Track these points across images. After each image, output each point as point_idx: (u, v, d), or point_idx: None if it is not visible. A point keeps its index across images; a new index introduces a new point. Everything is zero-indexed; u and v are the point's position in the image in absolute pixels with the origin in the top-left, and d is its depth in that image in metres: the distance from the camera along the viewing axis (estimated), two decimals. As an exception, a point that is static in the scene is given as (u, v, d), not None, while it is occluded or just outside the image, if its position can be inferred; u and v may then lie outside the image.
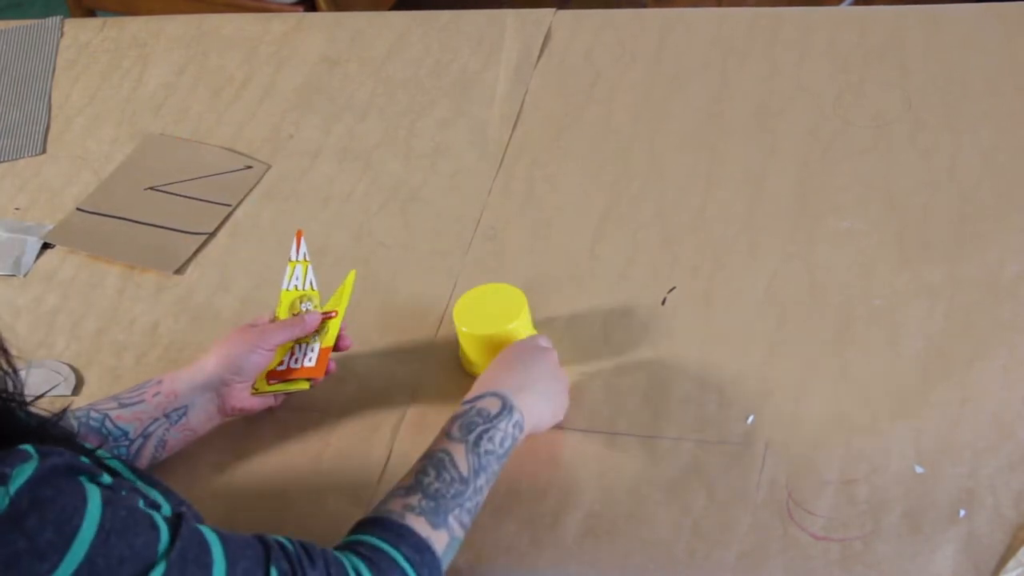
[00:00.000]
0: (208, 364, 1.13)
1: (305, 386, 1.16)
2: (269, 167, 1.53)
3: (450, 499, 0.97)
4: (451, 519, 0.96)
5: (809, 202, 1.33)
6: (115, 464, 0.90)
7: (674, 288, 1.26)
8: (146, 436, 1.10)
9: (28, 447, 0.77)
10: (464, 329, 1.19)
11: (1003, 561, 0.98)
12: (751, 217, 1.33)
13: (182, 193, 1.51)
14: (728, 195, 1.36)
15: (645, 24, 1.64)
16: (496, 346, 1.18)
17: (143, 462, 1.10)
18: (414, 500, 0.96)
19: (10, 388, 0.82)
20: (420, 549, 0.93)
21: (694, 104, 1.49)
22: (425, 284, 1.33)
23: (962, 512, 1.02)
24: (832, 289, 1.23)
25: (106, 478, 0.82)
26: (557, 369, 1.13)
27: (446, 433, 1.02)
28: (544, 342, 1.14)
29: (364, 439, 1.18)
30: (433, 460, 0.99)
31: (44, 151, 1.63)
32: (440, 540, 0.95)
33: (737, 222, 1.32)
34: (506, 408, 1.03)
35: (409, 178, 1.47)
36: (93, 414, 1.09)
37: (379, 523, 0.94)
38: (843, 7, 1.64)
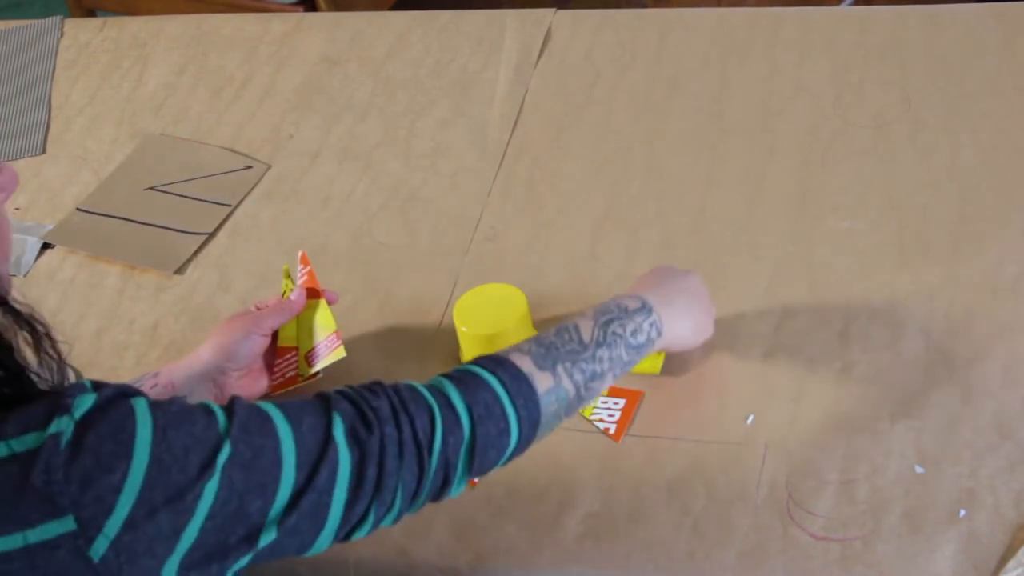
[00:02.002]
0: (204, 353, 1.13)
1: (343, 352, 1.16)
2: (269, 167, 1.53)
3: (563, 351, 0.95)
4: (559, 368, 0.94)
5: (809, 202, 1.33)
6: None
7: (674, 288, 1.26)
8: None
9: (85, 381, 0.78)
10: (464, 329, 1.19)
11: (1003, 561, 0.98)
12: (751, 217, 1.33)
13: (182, 193, 1.51)
14: (728, 195, 1.36)
15: (645, 24, 1.64)
16: (496, 346, 1.18)
17: None
18: (524, 346, 0.94)
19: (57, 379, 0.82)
20: (517, 378, 0.91)
21: (694, 104, 1.49)
22: (425, 284, 1.33)
23: (962, 512, 1.02)
24: (832, 289, 1.23)
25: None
26: (703, 290, 1.12)
27: (581, 312, 1.01)
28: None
29: (364, 439, 1.18)
30: (556, 326, 0.98)
31: (44, 151, 1.63)
32: (543, 380, 0.92)
33: (737, 222, 1.32)
34: (645, 307, 1.03)
35: (409, 178, 1.47)
36: None
37: (480, 358, 0.93)
38: (843, 7, 1.64)
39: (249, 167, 1.53)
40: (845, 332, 1.18)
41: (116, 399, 0.77)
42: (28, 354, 0.80)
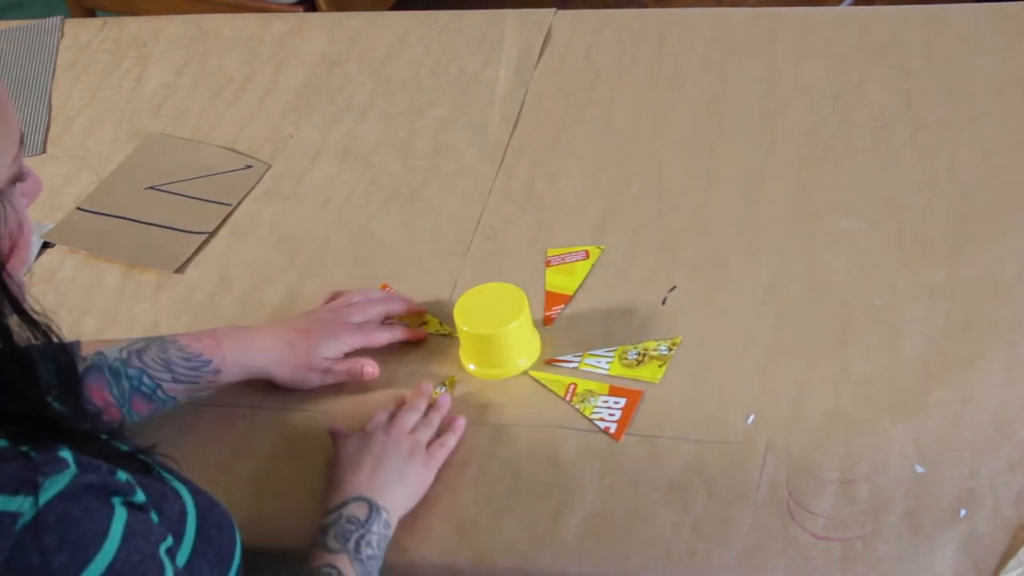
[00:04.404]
0: (254, 360, 1.17)
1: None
2: (269, 167, 1.53)
3: None
4: None
5: (809, 202, 1.33)
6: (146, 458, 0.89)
7: (674, 288, 1.26)
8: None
9: (68, 455, 0.75)
10: (464, 329, 1.19)
11: (1003, 561, 0.98)
12: (751, 217, 1.33)
13: (182, 192, 1.51)
14: (728, 195, 1.36)
15: (645, 24, 1.64)
16: (496, 346, 1.18)
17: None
18: None
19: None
20: None
21: (694, 104, 1.49)
22: (425, 284, 1.33)
23: (962, 512, 1.02)
24: (832, 289, 1.23)
25: (140, 496, 0.80)
26: (409, 454, 1.09)
27: (323, 546, 0.99)
28: (383, 418, 1.13)
29: (364, 439, 1.18)
30: None
31: (44, 151, 1.63)
32: None
33: (737, 222, 1.32)
34: (373, 510, 1.02)
35: (409, 178, 1.47)
36: (146, 380, 1.12)
37: None
38: (843, 7, 1.64)
39: (249, 167, 1.53)
40: (845, 332, 1.18)
41: (100, 496, 0.75)
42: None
